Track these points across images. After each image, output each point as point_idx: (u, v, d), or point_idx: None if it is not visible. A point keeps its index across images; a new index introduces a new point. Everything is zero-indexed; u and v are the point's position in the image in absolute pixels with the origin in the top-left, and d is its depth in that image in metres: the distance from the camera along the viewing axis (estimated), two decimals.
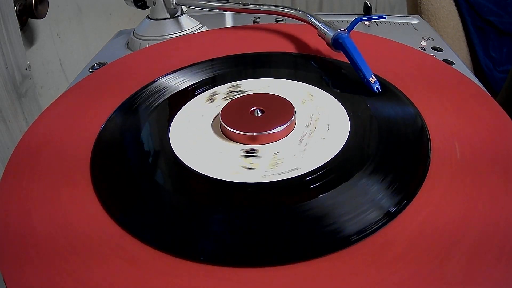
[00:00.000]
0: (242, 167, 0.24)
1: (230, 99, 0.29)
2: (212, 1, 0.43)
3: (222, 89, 0.31)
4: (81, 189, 0.23)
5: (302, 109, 0.28)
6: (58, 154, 0.26)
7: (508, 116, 0.26)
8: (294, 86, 0.31)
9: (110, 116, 0.29)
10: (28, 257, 0.20)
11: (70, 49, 0.67)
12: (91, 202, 0.23)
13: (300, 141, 0.26)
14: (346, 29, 0.33)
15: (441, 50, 0.39)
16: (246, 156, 0.25)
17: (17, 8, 0.52)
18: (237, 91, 0.31)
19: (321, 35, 0.34)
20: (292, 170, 0.24)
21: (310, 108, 0.29)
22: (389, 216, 0.20)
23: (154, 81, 0.33)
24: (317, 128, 0.27)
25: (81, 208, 0.22)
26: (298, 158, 0.24)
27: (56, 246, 0.20)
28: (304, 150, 0.25)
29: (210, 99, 0.30)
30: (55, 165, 0.25)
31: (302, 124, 0.27)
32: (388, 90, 0.29)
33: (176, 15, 0.44)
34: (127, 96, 0.31)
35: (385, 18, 0.37)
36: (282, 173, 0.23)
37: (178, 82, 0.33)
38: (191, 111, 0.29)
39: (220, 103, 0.29)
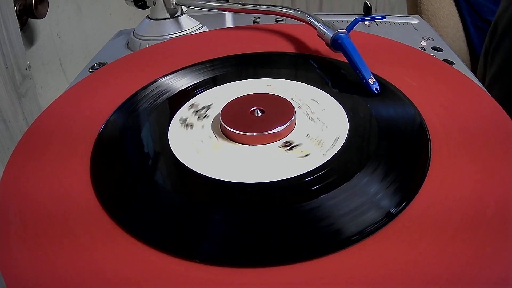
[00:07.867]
0: (299, 157, 0.24)
1: (204, 117, 0.28)
2: (212, 1, 0.43)
3: (185, 113, 0.29)
4: (81, 189, 0.23)
5: None
6: (57, 154, 0.26)
7: (507, 115, 0.26)
8: (248, 83, 0.32)
9: (110, 116, 0.29)
10: (26, 254, 0.20)
11: (70, 49, 0.67)
12: (91, 202, 0.23)
13: (311, 119, 0.27)
14: (345, 29, 0.33)
15: (441, 50, 0.39)
16: (290, 149, 0.25)
17: (17, 8, 0.52)
18: (201, 108, 0.29)
19: (321, 35, 0.34)
20: (336, 139, 0.25)
21: (281, 93, 0.30)
22: (390, 216, 0.20)
23: (154, 81, 0.33)
24: (309, 105, 0.28)
25: (81, 208, 0.22)
26: (327, 130, 0.26)
27: (54, 247, 0.20)
28: (323, 123, 0.27)
29: (187, 125, 0.28)
30: (55, 165, 0.25)
31: (295, 106, 0.28)
32: (387, 90, 0.29)
33: (176, 15, 0.44)
34: (127, 97, 0.31)
35: (385, 18, 0.37)
36: (333, 145, 0.25)
37: (178, 82, 0.33)
38: (186, 143, 0.26)
39: (203, 123, 0.28)
